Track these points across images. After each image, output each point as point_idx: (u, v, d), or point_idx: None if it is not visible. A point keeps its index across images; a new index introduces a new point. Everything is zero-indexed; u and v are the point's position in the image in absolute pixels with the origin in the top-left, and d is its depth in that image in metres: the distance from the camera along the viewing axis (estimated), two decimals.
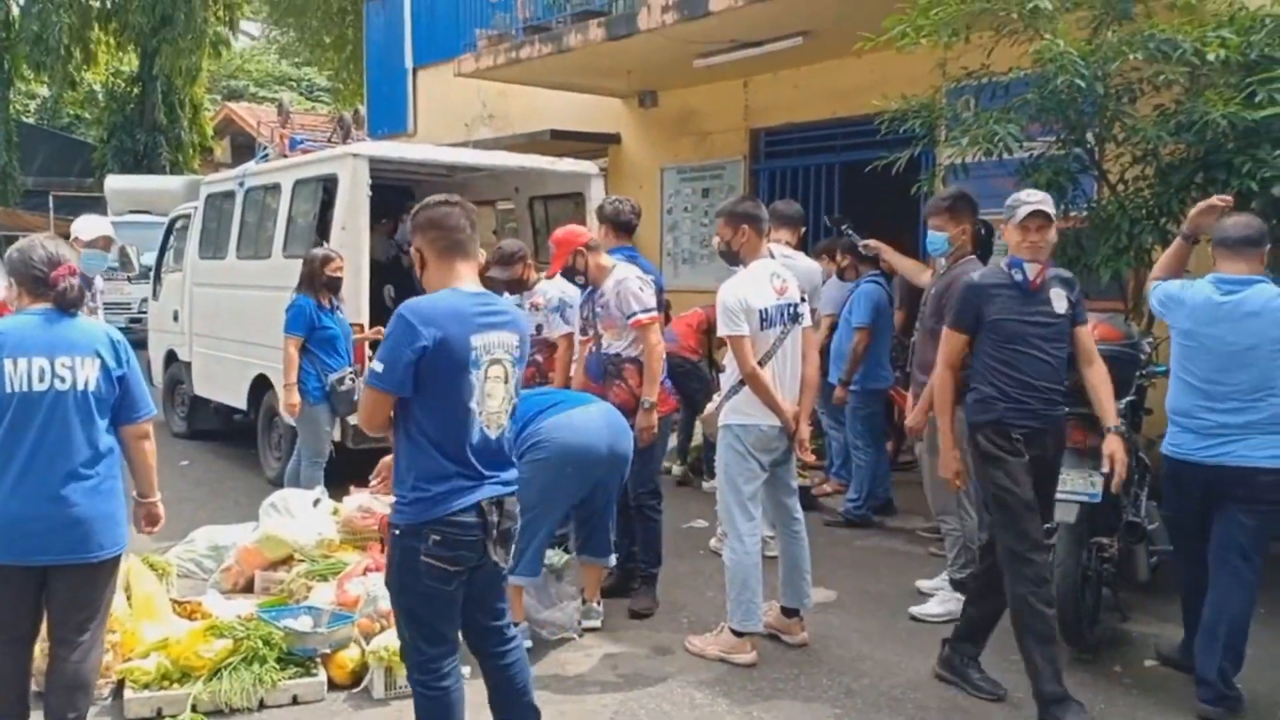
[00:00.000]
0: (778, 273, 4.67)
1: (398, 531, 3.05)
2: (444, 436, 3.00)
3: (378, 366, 2.98)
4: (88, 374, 3.28)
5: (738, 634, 4.56)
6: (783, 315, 4.58)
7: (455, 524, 2.99)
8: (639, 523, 5.30)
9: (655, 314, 5.19)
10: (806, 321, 4.75)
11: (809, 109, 9.69)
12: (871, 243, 6.36)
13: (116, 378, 3.35)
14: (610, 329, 5.23)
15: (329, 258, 6.44)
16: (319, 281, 6.36)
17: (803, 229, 6.64)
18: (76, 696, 3.37)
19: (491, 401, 3.06)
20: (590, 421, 4.61)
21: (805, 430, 4.68)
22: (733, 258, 4.75)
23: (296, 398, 6.28)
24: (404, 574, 3.04)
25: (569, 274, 5.34)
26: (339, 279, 6.46)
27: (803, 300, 4.72)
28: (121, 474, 3.44)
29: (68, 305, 3.33)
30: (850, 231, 6.93)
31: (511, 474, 3.18)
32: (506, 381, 3.10)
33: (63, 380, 3.25)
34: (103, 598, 3.43)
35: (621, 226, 5.80)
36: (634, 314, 5.10)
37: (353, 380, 6.35)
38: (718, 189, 10.71)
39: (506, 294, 5.48)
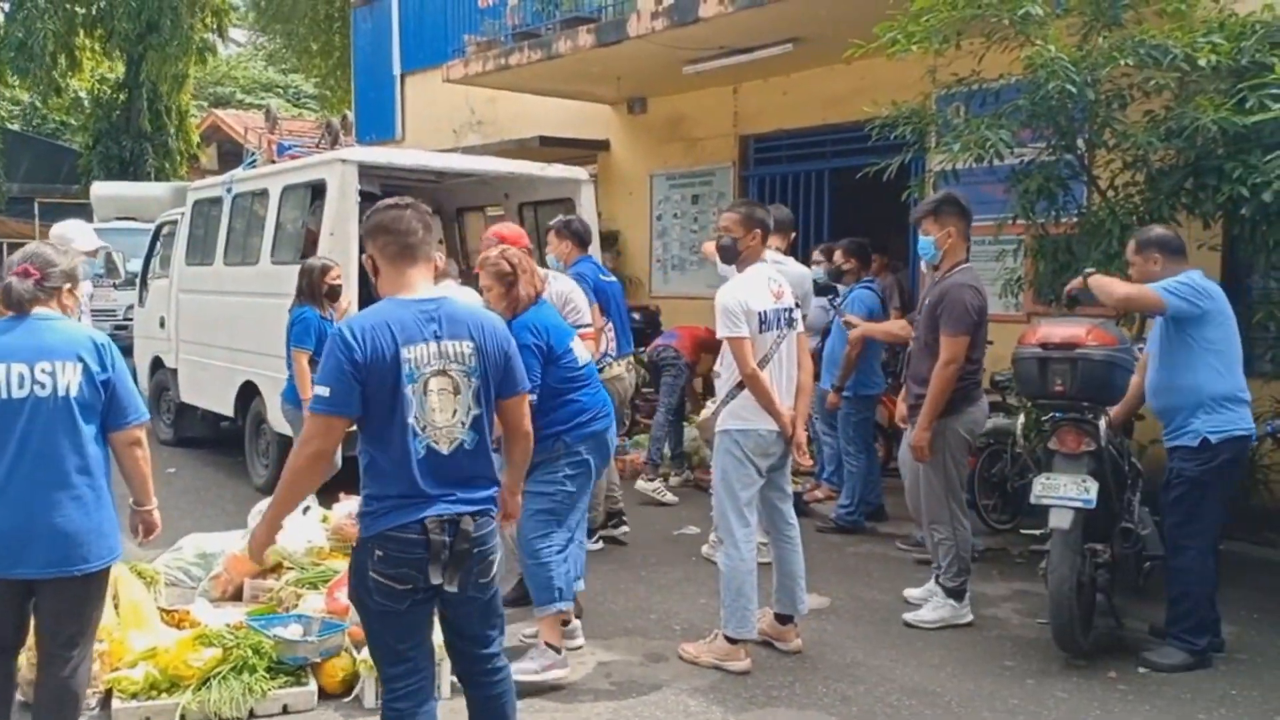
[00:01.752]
0: (774, 277, 4.66)
1: (355, 545, 2.99)
2: (384, 453, 2.87)
3: (323, 391, 2.83)
4: (69, 379, 3.18)
5: (732, 641, 4.53)
6: (779, 319, 4.57)
7: (395, 540, 2.85)
8: None
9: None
10: (801, 327, 4.74)
11: (799, 115, 9.70)
12: (850, 318, 6.60)
13: (101, 382, 3.23)
14: None
15: (327, 266, 6.32)
16: (319, 292, 6.24)
17: (793, 234, 6.65)
18: (65, 711, 3.29)
19: (437, 416, 2.89)
20: None
21: (802, 434, 4.67)
22: (733, 255, 4.72)
23: None
24: (358, 589, 2.96)
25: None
26: (339, 286, 6.35)
27: (797, 305, 4.72)
28: (112, 482, 3.35)
29: (18, 304, 3.23)
30: (833, 303, 7.02)
31: (477, 493, 2.97)
32: (457, 393, 2.92)
33: (43, 386, 3.15)
34: (93, 611, 3.34)
35: (586, 241, 6.50)
36: None
37: None
38: (707, 195, 10.72)
39: None
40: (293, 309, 6.26)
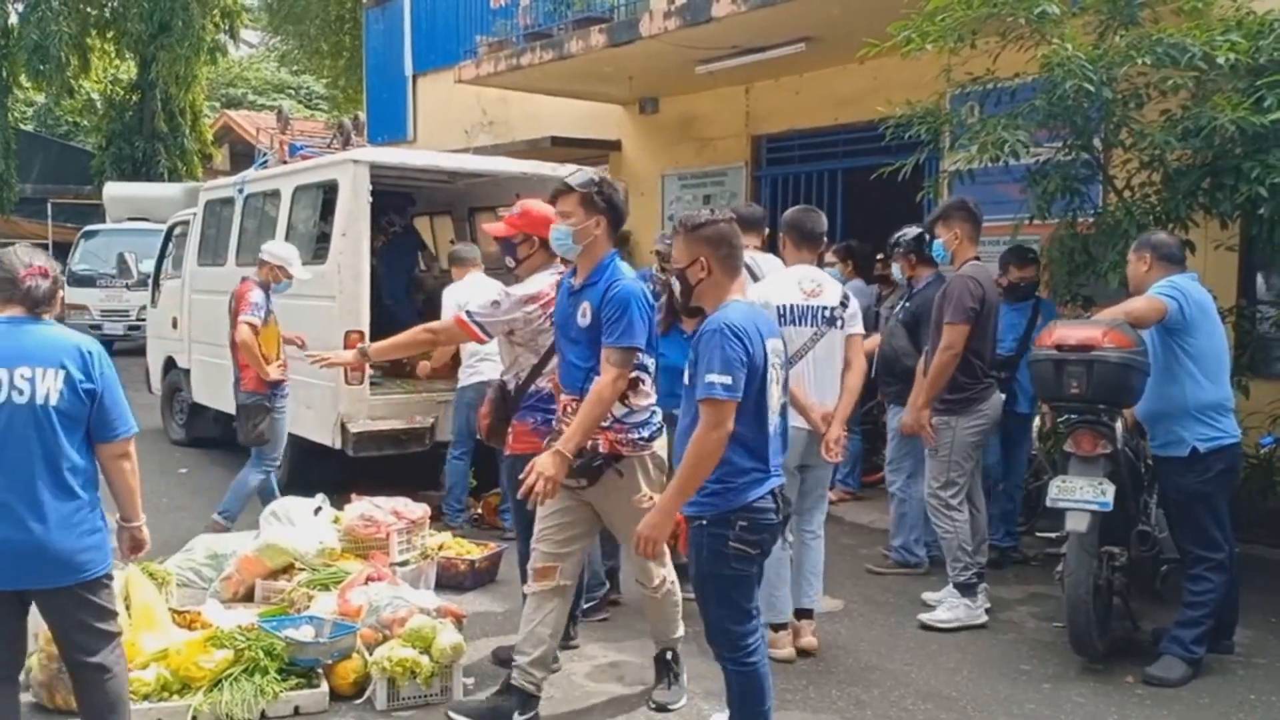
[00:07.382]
0: (813, 277, 4.72)
1: (704, 522, 3.28)
2: (748, 434, 3.26)
3: (725, 379, 3.14)
4: (49, 386, 3.07)
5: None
6: (811, 316, 4.61)
7: (757, 510, 3.27)
8: None
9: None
10: (852, 328, 4.72)
11: (811, 115, 9.65)
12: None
13: (85, 391, 3.12)
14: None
15: None
16: None
17: (766, 231, 6.51)
18: (108, 718, 3.24)
19: (775, 401, 3.37)
20: None
21: (836, 432, 4.62)
22: None
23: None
24: (713, 561, 3.29)
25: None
26: None
27: (843, 305, 4.70)
28: (101, 494, 3.27)
29: (34, 304, 3.19)
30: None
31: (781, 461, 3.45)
32: (778, 382, 3.40)
33: (20, 392, 3.06)
34: (101, 616, 3.25)
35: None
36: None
37: None
38: (719, 195, 10.66)
39: None
40: None
